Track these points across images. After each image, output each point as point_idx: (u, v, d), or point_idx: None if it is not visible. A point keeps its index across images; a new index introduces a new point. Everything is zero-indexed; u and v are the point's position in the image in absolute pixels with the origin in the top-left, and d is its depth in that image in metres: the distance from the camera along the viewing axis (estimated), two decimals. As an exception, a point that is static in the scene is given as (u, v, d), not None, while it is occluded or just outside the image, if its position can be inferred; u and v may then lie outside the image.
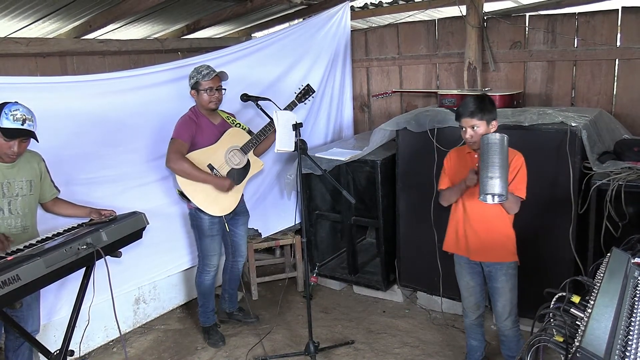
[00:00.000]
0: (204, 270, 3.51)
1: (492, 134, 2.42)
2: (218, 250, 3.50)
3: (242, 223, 3.65)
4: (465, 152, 2.78)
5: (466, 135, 2.61)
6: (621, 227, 2.87)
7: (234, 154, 3.42)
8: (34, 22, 3.63)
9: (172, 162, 3.22)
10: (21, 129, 2.44)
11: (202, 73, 3.27)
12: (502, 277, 2.72)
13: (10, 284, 2.01)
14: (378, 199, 3.86)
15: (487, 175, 2.36)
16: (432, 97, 4.48)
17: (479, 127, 2.56)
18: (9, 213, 2.57)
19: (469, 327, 2.98)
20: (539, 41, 3.96)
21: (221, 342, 3.55)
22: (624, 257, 1.91)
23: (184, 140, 3.25)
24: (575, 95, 3.91)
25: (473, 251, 2.77)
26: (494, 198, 2.40)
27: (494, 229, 2.69)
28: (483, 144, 2.42)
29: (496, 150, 2.37)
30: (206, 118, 3.37)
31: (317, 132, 4.67)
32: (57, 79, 3.29)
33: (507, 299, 2.74)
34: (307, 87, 3.70)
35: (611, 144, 3.28)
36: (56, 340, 3.13)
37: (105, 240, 2.52)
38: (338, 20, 4.59)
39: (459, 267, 2.89)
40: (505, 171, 2.37)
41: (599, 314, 1.49)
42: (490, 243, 2.70)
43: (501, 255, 2.71)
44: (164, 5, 3.81)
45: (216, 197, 3.34)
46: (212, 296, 3.60)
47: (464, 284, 2.89)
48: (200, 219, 3.37)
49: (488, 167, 2.36)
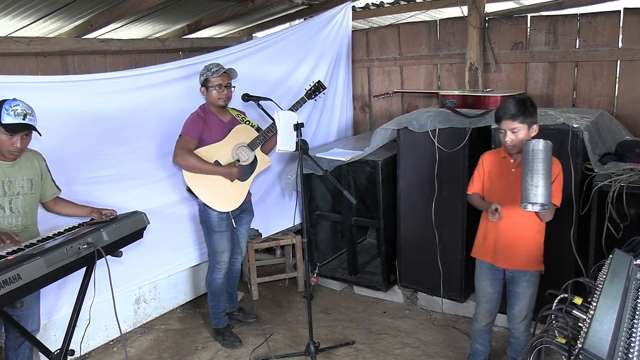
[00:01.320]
0: (215, 269, 3.49)
1: (537, 140, 2.30)
2: (227, 247, 3.48)
3: (245, 221, 3.64)
4: (500, 157, 2.69)
5: (506, 138, 2.51)
6: (622, 229, 2.87)
7: (242, 150, 3.42)
8: (35, 22, 3.63)
9: (178, 157, 3.23)
10: (23, 124, 2.45)
11: (211, 70, 3.28)
12: (524, 284, 2.66)
13: (11, 283, 2.00)
14: (379, 200, 3.85)
15: (530, 183, 2.27)
16: (433, 97, 4.49)
17: (520, 131, 2.47)
18: (9, 212, 2.57)
19: (477, 332, 2.92)
20: (540, 42, 3.96)
21: (237, 342, 3.52)
22: (626, 259, 1.91)
23: (191, 137, 3.26)
24: (576, 96, 3.91)
25: (499, 257, 2.69)
26: (535, 206, 2.31)
27: (524, 236, 2.62)
28: (527, 151, 2.31)
29: (541, 158, 2.27)
30: (215, 115, 3.37)
31: (319, 133, 4.67)
32: (58, 79, 3.29)
33: (525, 304, 2.68)
34: (318, 84, 3.67)
35: (613, 145, 3.28)
36: (56, 340, 3.13)
37: (106, 239, 2.51)
38: (340, 21, 4.60)
39: (480, 271, 2.82)
40: (548, 179, 2.28)
41: (602, 315, 1.49)
42: (517, 250, 2.62)
43: (527, 263, 2.64)
44: (165, 4, 3.81)
45: (222, 192, 3.34)
46: (223, 296, 3.58)
47: (481, 289, 2.82)
48: (209, 214, 3.37)
49: (532, 175, 2.27)
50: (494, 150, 2.90)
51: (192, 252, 3.91)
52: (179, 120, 3.46)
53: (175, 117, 3.55)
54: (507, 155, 2.64)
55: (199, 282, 4.15)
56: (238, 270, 3.79)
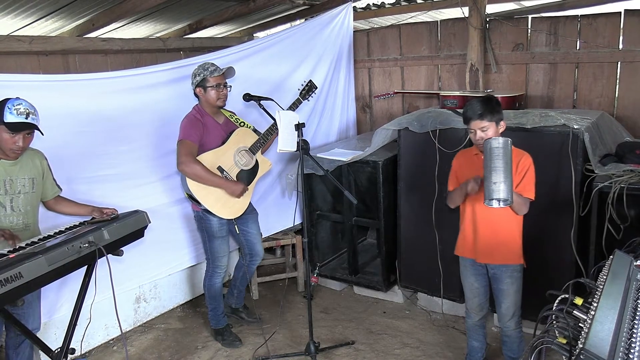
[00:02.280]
0: (215, 273, 3.46)
1: (495, 138, 2.39)
2: (227, 251, 3.47)
3: (252, 222, 3.60)
4: (472, 154, 2.75)
5: (476, 137, 2.57)
6: (623, 230, 2.87)
7: (242, 154, 3.39)
8: (37, 20, 3.63)
9: (184, 165, 3.14)
10: (26, 123, 2.46)
11: (209, 70, 3.23)
12: (507, 280, 2.71)
13: (12, 281, 2.01)
14: (379, 200, 3.86)
15: (491, 180, 2.33)
16: (434, 98, 4.49)
17: (488, 129, 2.53)
18: (11, 210, 2.58)
19: (471, 328, 2.97)
20: (541, 43, 3.96)
21: (237, 341, 3.51)
22: (627, 260, 1.92)
23: (193, 142, 3.18)
24: (577, 97, 3.91)
25: (480, 253, 2.75)
26: (499, 203, 2.37)
27: (501, 231, 2.67)
28: (486, 149, 2.38)
29: (499, 155, 2.33)
30: (211, 117, 3.33)
31: (319, 133, 4.67)
32: (59, 77, 3.29)
33: (512, 301, 2.73)
34: (310, 83, 3.67)
35: (613, 146, 3.29)
36: (57, 338, 3.14)
37: (107, 238, 2.52)
38: (341, 21, 4.60)
39: (464, 268, 2.88)
40: (509, 175, 2.34)
41: (602, 316, 1.50)
42: (496, 245, 2.68)
43: (507, 258, 2.70)
44: (167, 4, 3.81)
45: (227, 200, 3.31)
46: (221, 299, 3.57)
47: (468, 286, 2.88)
48: (209, 220, 3.33)
49: (492, 172, 2.33)
50: (466, 149, 2.94)
51: (193, 252, 3.91)
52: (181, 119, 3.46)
53: (176, 117, 3.54)
54: (478, 153, 2.67)
55: (199, 282, 4.15)
56: (252, 271, 3.79)
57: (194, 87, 3.29)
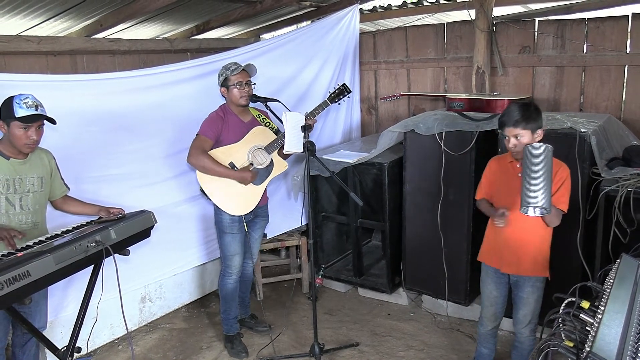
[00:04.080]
0: (226, 273, 3.44)
1: (536, 144, 2.29)
2: (239, 251, 3.41)
3: (259, 227, 3.58)
4: (507, 162, 2.68)
5: (509, 144, 2.51)
6: (629, 234, 2.86)
7: (257, 153, 3.36)
8: (46, 21, 3.66)
9: (192, 156, 3.19)
10: (37, 114, 2.49)
11: (230, 69, 3.25)
12: (529, 289, 2.65)
13: (20, 279, 2.02)
14: (385, 202, 3.86)
15: (529, 187, 2.26)
16: (440, 100, 4.49)
17: (523, 137, 2.46)
18: (20, 209, 2.59)
19: (482, 335, 2.92)
20: (548, 46, 3.95)
21: (244, 353, 3.44)
22: (634, 264, 1.91)
23: (207, 137, 3.21)
24: (583, 100, 3.90)
25: (505, 263, 2.69)
26: (536, 210, 2.30)
27: (530, 243, 2.61)
28: (526, 155, 2.31)
29: (539, 161, 2.26)
30: (236, 116, 3.33)
31: (325, 134, 4.68)
32: (67, 77, 3.32)
33: (530, 309, 2.68)
34: (343, 87, 3.57)
35: (620, 150, 3.28)
36: (63, 337, 3.15)
37: (114, 238, 2.52)
38: (347, 23, 4.60)
39: (485, 275, 2.81)
40: (548, 183, 2.26)
41: (610, 319, 1.50)
42: (524, 256, 2.62)
43: (532, 270, 2.63)
44: (174, 5, 3.83)
45: (235, 196, 3.30)
46: (235, 302, 3.52)
47: (486, 293, 2.82)
48: (221, 214, 3.33)
49: (531, 178, 2.26)
50: (501, 155, 2.89)
51: (199, 252, 3.92)
52: (187, 120, 3.47)
53: (182, 117, 3.57)
54: (513, 160, 2.63)
55: (205, 282, 4.17)
56: (250, 275, 3.72)
57: (219, 87, 3.32)
